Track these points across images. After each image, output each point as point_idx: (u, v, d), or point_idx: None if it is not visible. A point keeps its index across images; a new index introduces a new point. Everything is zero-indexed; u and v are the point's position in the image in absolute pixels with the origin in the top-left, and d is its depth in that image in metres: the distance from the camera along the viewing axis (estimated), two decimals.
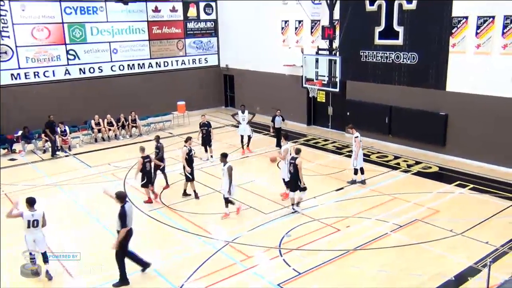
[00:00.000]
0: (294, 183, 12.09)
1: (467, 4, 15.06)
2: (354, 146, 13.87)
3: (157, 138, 14.23)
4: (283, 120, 18.12)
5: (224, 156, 11.99)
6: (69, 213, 12.67)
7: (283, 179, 13.10)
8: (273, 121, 18.07)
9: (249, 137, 17.95)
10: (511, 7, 14.00)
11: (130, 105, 21.89)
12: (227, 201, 12.07)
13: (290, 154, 12.51)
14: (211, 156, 17.06)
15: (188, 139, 13.60)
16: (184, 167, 13.18)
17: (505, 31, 14.24)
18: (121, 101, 22.38)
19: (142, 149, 13.12)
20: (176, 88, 24.67)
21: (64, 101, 21.09)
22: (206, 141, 16.96)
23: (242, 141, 17.92)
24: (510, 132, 14.58)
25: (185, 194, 13.57)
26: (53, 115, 18.75)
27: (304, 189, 12.17)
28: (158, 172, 13.88)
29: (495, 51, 14.59)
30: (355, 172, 14.15)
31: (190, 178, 13.30)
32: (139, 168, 12.83)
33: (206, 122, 16.90)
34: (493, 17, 14.46)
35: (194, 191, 13.44)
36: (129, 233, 9.01)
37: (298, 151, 12.15)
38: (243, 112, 17.82)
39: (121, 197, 9.00)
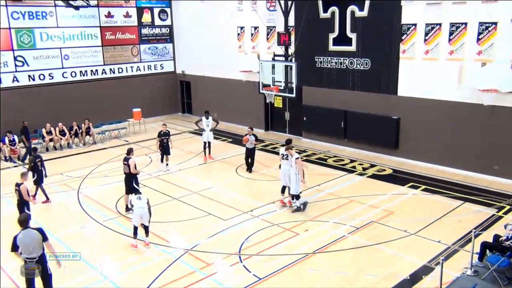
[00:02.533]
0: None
1: (416, 12, 15.65)
2: (296, 169, 12.32)
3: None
4: (256, 139, 16.21)
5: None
6: (16, 227, 12.09)
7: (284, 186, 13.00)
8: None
9: (210, 144, 17.72)
10: (457, 15, 14.66)
11: (83, 113, 21.26)
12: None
13: (284, 158, 12.70)
14: (167, 165, 16.72)
15: (131, 151, 12.89)
16: (135, 179, 12.62)
17: (451, 37, 14.89)
18: (73, 108, 21.68)
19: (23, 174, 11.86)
20: (131, 94, 24.20)
21: (12, 109, 20.16)
22: (166, 150, 16.52)
23: (204, 148, 17.74)
24: (458, 134, 15.23)
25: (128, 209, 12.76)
26: (26, 121, 18.64)
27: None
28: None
29: (442, 57, 15.22)
30: (297, 198, 12.70)
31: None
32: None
33: (167, 131, 16.54)
34: (440, 24, 15.09)
35: (127, 204, 12.70)
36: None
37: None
38: (207, 118, 17.56)
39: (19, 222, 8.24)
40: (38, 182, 13.79)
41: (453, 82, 15.04)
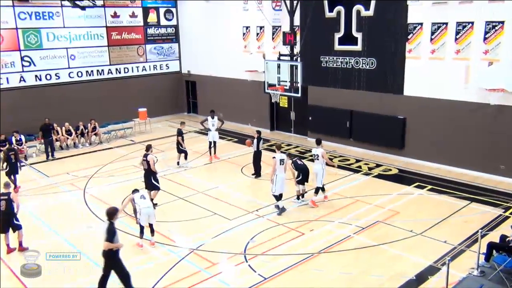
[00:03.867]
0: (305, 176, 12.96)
1: (422, 11, 15.58)
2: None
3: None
4: (259, 141, 15.59)
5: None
6: (26, 226, 12.17)
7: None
8: (253, 143, 15.84)
9: (215, 143, 17.75)
10: (463, 14, 14.59)
11: (89, 113, 21.37)
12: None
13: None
14: (178, 163, 16.94)
15: (150, 147, 13.29)
16: (154, 176, 12.88)
17: (457, 37, 14.81)
18: (80, 108, 21.80)
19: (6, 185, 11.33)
20: (137, 94, 24.29)
21: (19, 109, 20.33)
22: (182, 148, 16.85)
23: (210, 148, 17.75)
24: (464, 134, 15.16)
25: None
26: (48, 118, 18.77)
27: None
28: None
29: (449, 56, 15.15)
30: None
31: (158, 187, 13.07)
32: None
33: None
34: (446, 23, 15.01)
35: (152, 199, 12.92)
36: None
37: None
38: (212, 118, 17.58)
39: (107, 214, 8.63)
40: (9, 174, 14.68)
41: (460, 82, 14.96)
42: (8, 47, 20.45)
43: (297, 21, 19.22)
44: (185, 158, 17.09)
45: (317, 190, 13.10)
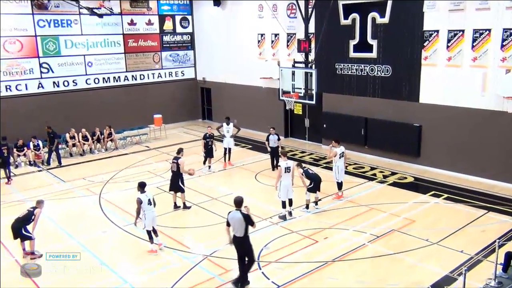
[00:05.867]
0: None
1: (438, 18, 15.48)
2: (292, 177, 12.63)
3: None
4: (278, 139, 16.83)
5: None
6: (42, 230, 12.33)
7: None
8: (267, 140, 16.92)
9: (230, 150, 17.82)
10: (480, 21, 14.46)
11: (105, 119, 21.63)
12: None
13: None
14: (209, 167, 17.16)
15: (181, 150, 13.60)
16: (181, 178, 13.21)
17: (474, 44, 14.68)
18: (96, 114, 22.10)
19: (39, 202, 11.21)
20: (152, 101, 24.53)
21: (37, 115, 20.67)
22: (209, 153, 17.02)
23: (224, 154, 17.81)
24: (481, 142, 14.96)
25: (176, 206, 13.60)
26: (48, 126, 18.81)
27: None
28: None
29: (466, 64, 15.01)
30: (284, 205, 12.76)
31: (184, 189, 13.42)
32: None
33: (211, 134, 17.04)
34: (463, 31, 14.89)
35: (184, 202, 13.54)
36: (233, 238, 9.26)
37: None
38: (227, 124, 17.68)
39: (234, 202, 9.23)
40: (2, 166, 16.45)
41: (477, 89, 14.80)
42: (27, 54, 20.86)
43: (312, 28, 19.25)
44: (204, 163, 17.23)
45: (340, 186, 13.98)
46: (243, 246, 9.21)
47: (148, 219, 10.68)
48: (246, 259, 9.28)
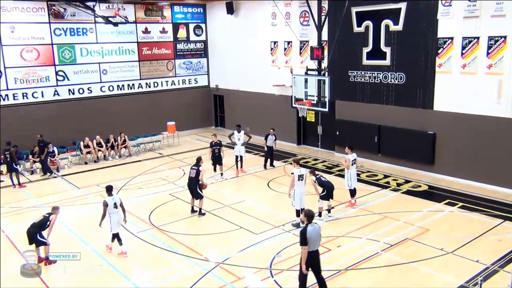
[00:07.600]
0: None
1: (452, 26, 15.38)
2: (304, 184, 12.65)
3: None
4: (275, 139, 18.20)
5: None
6: (57, 236, 12.45)
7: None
8: (266, 138, 18.17)
9: (241, 158, 17.87)
10: (495, 28, 14.33)
11: (119, 126, 21.84)
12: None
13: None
14: (221, 174, 17.25)
15: (200, 159, 13.80)
16: (201, 185, 13.40)
17: (489, 51, 14.54)
18: (110, 121, 22.34)
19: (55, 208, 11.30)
20: (166, 108, 24.72)
21: (52, 122, 20.99)
22: (217, 160, 17.16)
23: (236, 162, 17.86)
24: (496, 150, 14.77)
25: (193, 210, 13.78)
26: (40, 135, 18.70)
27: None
28: None
29: (481, 71, 14.86)
30: (298, 214, 12.53)
31: (202, 195, 13.56)
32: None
33: (218, 142, 17.19)
34: (478, 38, 14.77)
35: (200, 208, 13.63)
36: (308, 255, 8.45)
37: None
38: (238, 132, 17.78)
39: (307, 216, 8.61)
40: (9, 171, 17.00)
41: (492, 97, 14.63)
42: (44, 62, 21.21)
43: (325, 35, 19.26)
44: (214, 170, 17.40)
45: (353, 193, 13.96)
46: (318, 258, 8.65)
47: (113, 222, 10.96)
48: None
